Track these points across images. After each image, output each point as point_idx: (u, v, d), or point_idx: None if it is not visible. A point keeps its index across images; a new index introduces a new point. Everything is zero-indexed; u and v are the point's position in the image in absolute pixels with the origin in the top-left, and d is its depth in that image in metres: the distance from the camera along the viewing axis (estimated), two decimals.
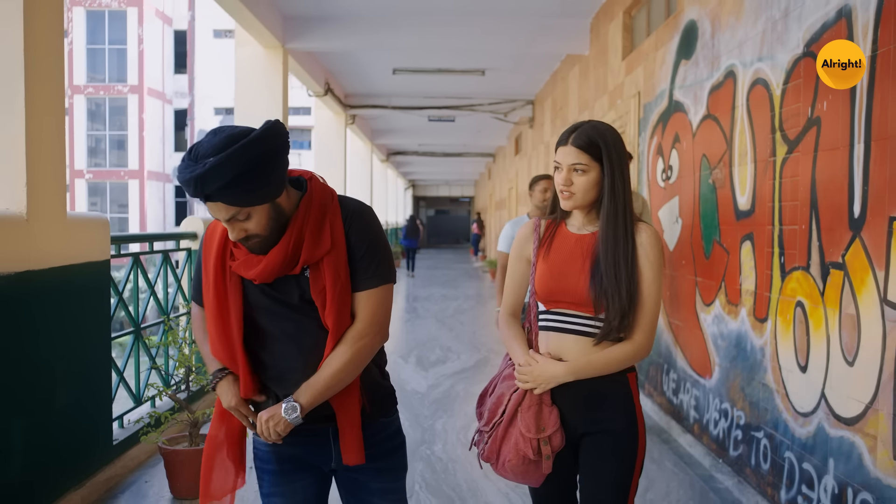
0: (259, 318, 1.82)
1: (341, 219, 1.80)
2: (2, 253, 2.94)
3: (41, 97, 3.16)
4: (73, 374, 3.50)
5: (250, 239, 1.72)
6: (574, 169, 1.95)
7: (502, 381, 2.09)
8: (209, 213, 1.70)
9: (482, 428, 2.09)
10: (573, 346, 1.99)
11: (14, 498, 3.05)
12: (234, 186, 1.62)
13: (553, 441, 1.97)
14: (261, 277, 1.76)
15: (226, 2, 6.20)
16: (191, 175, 1.60)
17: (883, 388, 2.55)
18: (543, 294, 2.03)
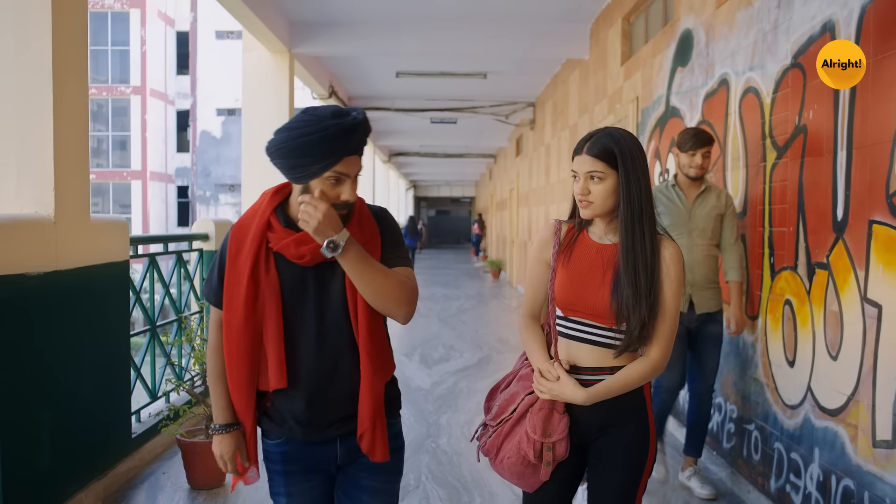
0: (294, 311, 1.83)
1: (373, 218, 1.91)
2: (32, 254, 3.11)
3: (67, 108, 3.33)
4: (95, 370, 3.66)
5: (348, 205, 1.79)
6: (591, 177, 1.93)
7: (518, 381, 2.07)
8: (342, 169, 1.73)
9: (488, 422, 2.08)
10: (588, 356, 1.97)
11: (44, 486, 3.21)
12: (367, 141, 1.81)
13: (557, 449, 1.94)
14: (313, 253, 1.78)
15: (234, 8, 6.35)
16: (353, 122, 1.71)
17: (863, 380, 2.72)
18: (562, 302, 2.00)
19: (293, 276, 1.82)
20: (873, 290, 2.67)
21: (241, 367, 1.83)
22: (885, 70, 2.60)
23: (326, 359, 1.83)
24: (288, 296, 1.82)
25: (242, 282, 1.81)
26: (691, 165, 3.59)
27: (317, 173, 1.74)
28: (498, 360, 7.34)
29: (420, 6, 7.42)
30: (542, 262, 2.08)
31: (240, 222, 1.89)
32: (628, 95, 6.13)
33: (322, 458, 1.91)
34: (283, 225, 1.83)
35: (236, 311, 1.82)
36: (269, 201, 1.87)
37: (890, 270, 2.57)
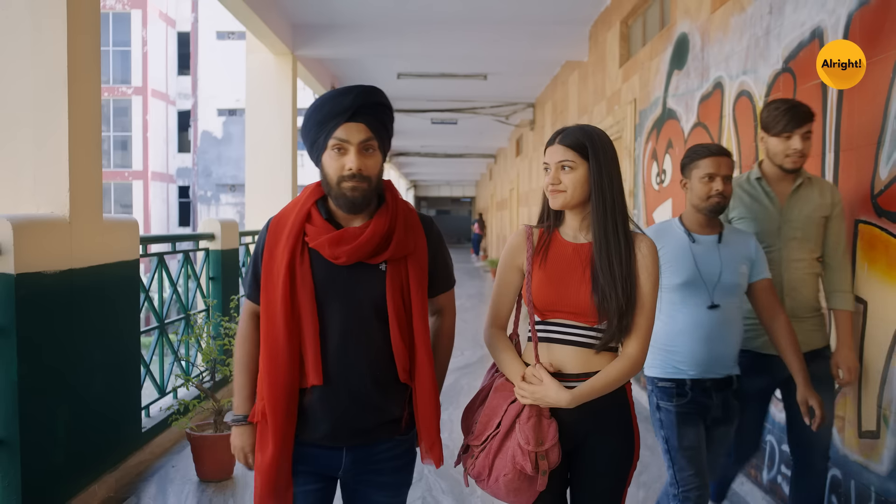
0: (321, 310, 1.81)
1: (422, 227, 1.90)
2: (49, 253, 3.22)
3: (81, 111, 3.44)
4: (107, 366, 3.77)
5: (363, 179, 1.75)
6: (562, 167, 1.93)
7: (495, 393, 2.01)
8: (340, 135, 1.74)
9: (471, 442, 1.99)
10: (573, 357, 1.95)
11: (59, 478, 3.32)
12: (379, 112, 1.78)
13: (550, 456, 1.90)
14: (348, 256, 1.76)
15: (239, 11, 6.47)
16: (353, 87, 1.75)
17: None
18: (542, 304, 1.97)
19: (326, 273, 1.80)
20: (859, 286, 2.78)
21: (282, 361, 1.78)
22: (870, 75, 2.71)
23: (349, 362, 1.81)
24: (321, 292, 1.80)
25: (280, 274, 1.78)
26: (787, 153, 2.68)
27: (322, 146, 1.76)
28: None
29: (421, 9, 7.53)
30: (513, 268, 2.05)
31: (279, 214, 1.87)
32: (626, 97, 6.24)
33: (327, 464, 1.88)
34: (324, 218, 1.82)
35: (275, 303, 1.79)
36: (311, 193, 1.87)
37: (874, 268, 2.68)
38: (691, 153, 2.61)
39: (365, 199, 1.78)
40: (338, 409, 1.81)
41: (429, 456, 1.89)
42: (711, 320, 2.48)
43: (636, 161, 5.95)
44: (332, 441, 1.84)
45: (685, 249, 2.53)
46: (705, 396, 2.52)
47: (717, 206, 2.52)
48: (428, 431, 1.87)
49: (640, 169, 5.86)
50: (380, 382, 1.83)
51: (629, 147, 6.05)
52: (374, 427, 1.84)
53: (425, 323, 1.85)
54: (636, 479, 3.89)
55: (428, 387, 1.85)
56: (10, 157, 3.35)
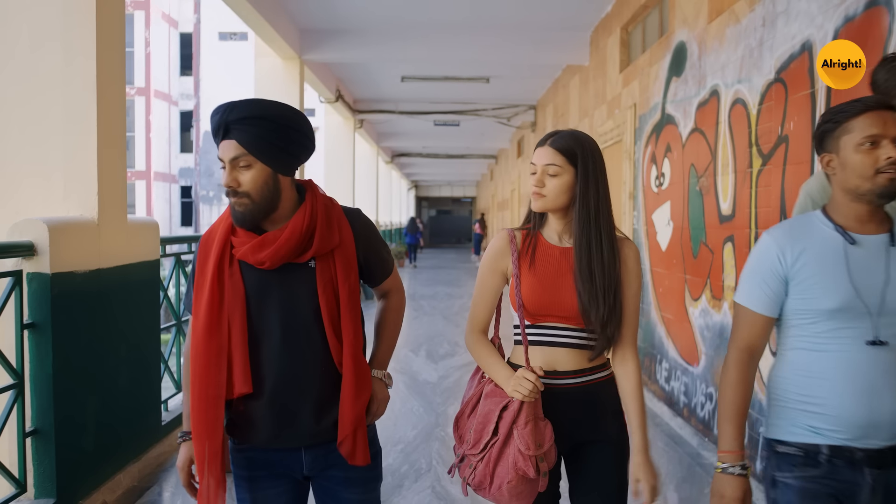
0: (259, 316, 1.82)
1: (346, 219, 1.90)
2: (79, 253, 3.40)
3: (108, 119, 3.62)
4: (131, 361, 3.95)
5: (239, 195, 1.75)
6: (548, 170, 1.92)
7: (486, 399, 1.96)
8: (219, 154, 1.75)
9: (469, 452, 1.95)
10: (566, 359, 1.95)
11: (89, 467, 3.50)
12: (251, 126, 1.71)
13: (549, 456, 1.89)
14: (271, 259, 1.77)
15: (249, 17, 6.64)
16: (227, 104, 1.73)
17: None
18: (533, 308, 1.94)
19: (258, 280, 1.81)
20: None
21: (206, 373, 1.78)
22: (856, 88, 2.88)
23: (292, 363, 1.81)
24: (253, 300, 1.80)
25: (206, 288, 1.80)
26: None
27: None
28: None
29: (426, 14, 7.71)
30: (495, 272, 2.02)
31: (208, 230, 1.88)
32: (626, 102, 6.42)
33: (287, 465, 1.88)
34: (246, 229, 1.82)
35: (200, 317, 1.79)
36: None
37: None
38: (835, 113, 1.77)
39: (251, 214, 1.77)
40: (287, 411, 1.82)
41: (340, 450, 1.85)
42: (874, 362, 1.69)
43: (636, 164, 6.13)
44: (285, 443, 1.85)
45: (838, 256, 1.73)
46: (852, 472, 1.73)
47: (891, 185, 1.69)
48: (343, 423, 1.82)
49: (639, 172, 6.04)
50: (325, 379, 1.83)
51: (629, 150, 6.23)
52: (327, 424, 1.84)
53: (353, 314, 1.85)
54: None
55: (349, 380, 1.83)
56: (42, 163, 3.53)
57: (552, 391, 1.93)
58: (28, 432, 3.15)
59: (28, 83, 3.53)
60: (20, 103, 3.53)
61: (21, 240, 3.11)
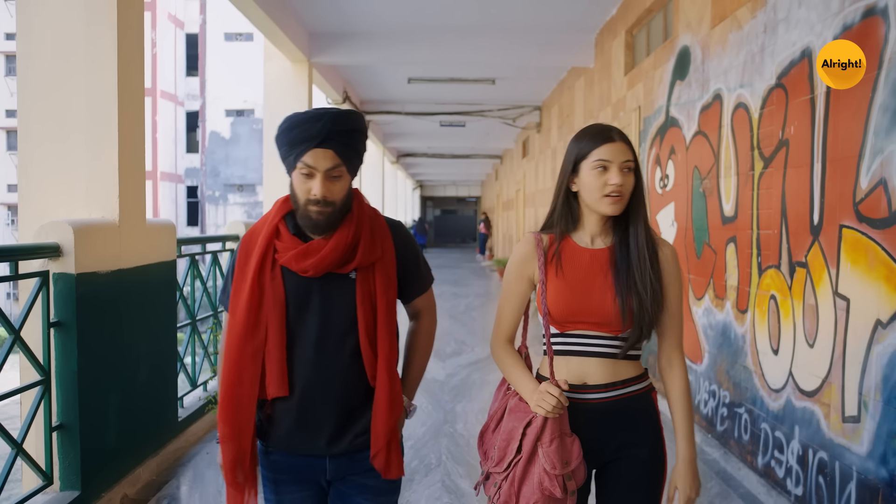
0: (295, 321, 1.83)
1: (389, 232, 1.90)
2: (102, 254, 3.51)
3: (128, 124, 3.74)
4: (149, 359, 4.07)
5: (328, 204, 1.76)
6: (626, 167, 1.81)
7: (510, 415, 1.88)
8: (308, 161, 1.73)
9: (493, 470, 1.87)
10: (596, 371, 1.85)
11: (111, 461, 3.62)
12: (350, 138, 1.76)
13: (577, 475, 1.80)
14: (315, 268, 1.78)
15: (259, 21, 6.75)
16: (325, 112, 1.73)
17: (835, 364, 3.11)
18: (560, 315, 1.85)
19: (298, 285, 1.82)
20: (843, 285, 3.06)
21: (240, 373, 1.80)
22: (853, 94, 2.99)
23: (324, 371, 1.82)
24: (292, 305, 1.81)
25: (245, 289, 1.80)
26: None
27: (292, 164, 1.76)
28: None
29: (432, 17, 7.81)
30: (523, 279, 1.92)
31: (250, 231, 1.90)
32: (631, 104, 6.52)
33: (311, 471, 1.89)
34: (291, 233, 1.83)
35: (239, 318, 1.81)
36: (278, 209, 1.88)
37: (856, 268, 2.96)
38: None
39: (329, 221, 1.78)
40: (314, 418, 1.83)
41: (373, 463, 1.86)
42: None
43: (641, 166, 6.22)
44: (309, 450, 1.86)
45: None
46: None
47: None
48: (376, 436, 1.84)
49: (644, 174, 6.14)
50: (354, 389, 1.84)
51: None
52: (355, 433, 1.86)
53: (389, 328, 1.85)
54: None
55: (383, 393, 1.83)
56: (66, 168, 3.64)
57: (581, 406, 1.84)
58: (54, 427, 3.27)
59: (52, 90, 3.64)
60: (44, 109, 3.64)
61: (47, 241, 3.23)
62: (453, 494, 3.82)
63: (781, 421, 3.59)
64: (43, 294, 3.21)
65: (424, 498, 3.78)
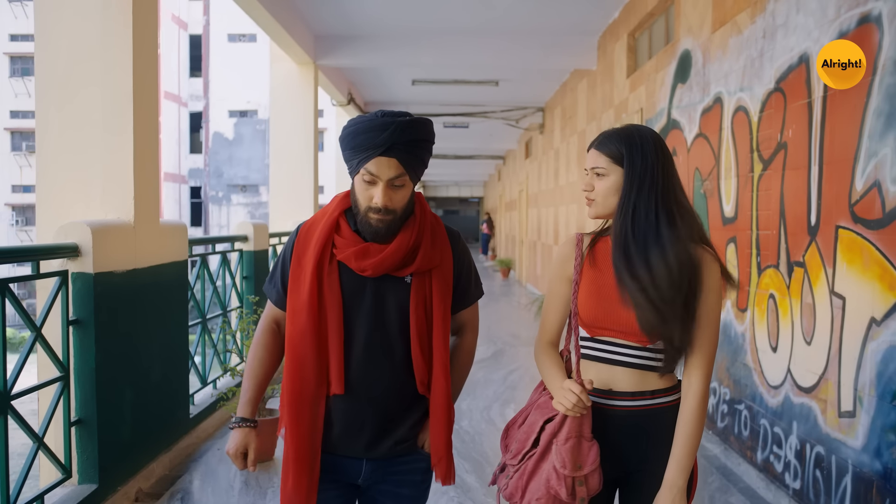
0: (348, 319, 1.81)
1: (448, 241, 1.89)
2: (118, 254, 3.61)
3: (143, 128, 3.83)
4: (162, 356, 4.17)
5: (389, 212, 1.74)
6: (595, 172, 1.82)
7: (536, 410, 1.85)
8: (371, 169, 1.71)
9: (509, 461, 1.86)
10: (623, 379, 1.80)
11: (125, 455, 3.72)
12: (415, 148, 1.74)
13: (590, 482, 1.72)
14: (374, 269, 1.76)
15: (266, 24, 6.86)
16: (394, 120, 1.70)
17: (831, 361, 3.20)
18: (588, 319, 1.81)
19: (353, 283, 1.81)
20: (839, 284, 3.15)
21: (308, 367, 1.78)
22: (849, 99, 3.08)
23: (371, 373, 1.81)
24: (346, 303, 1.80)
25: (306, 283, 1.78)
26: None
27: (355, 169, 1.75)
28: (511, 353, 7.86)
29: (436, 21, 7.91)
30: (563, 279, 1.89)
31: (309, 222, 1.88)
32: (633, 106, 6.61)
33: (347, 472, 1.88)
34: (351, 229, 1.81)
35: (300, 311, 1.79)
36: (339, 203, 1.86)
37: (852, 268, 3.05)
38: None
39: (389, 229, 1.77)
40: (358, 419, 1.82)
41: (433, 471, 1.89)
42: None
43: None
44: (351, 451, 1.85)
45: None
46: None
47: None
48: (437, 446, 1.84)
49: None
50: (400, 394, 1.83)
51: None
52: (395, 439, 1.85)
53: (445, 336, 1.84)
54: None
55: (440, 401, 1.83)
56: (82, 171, 3.74)
57: (605, 412, 1.80)
58: (73, 421, 3.36)
59: (69, 95, 3.73)
60: (62, 114, 3.74)
61: (67, 242, 3.33)
62: (460, 489, 3.91)
63: (780, 417, 3.68)
64: (62, 293, 3.30)
65: (432, 492, 3.86)
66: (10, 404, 2.89)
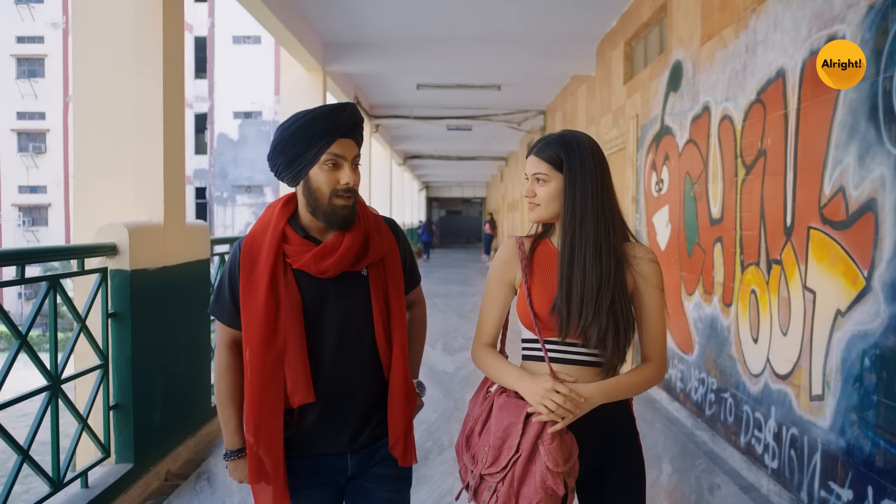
0: (313, 325, 1.81)
1: (389, 229, 1.95)
2: (150, 253, 3.93)
3: (172, 136, 4.16)
4: (188, 348, 4.48)
5: (354, 193, 1.78)
6: (536, 179, 1.86)
7: (501, 411, 1.81)
8: (337, 150, 1.74)
9: (486, 472, 1.80)
10: (584, 375, 1.83)
11: (156, 438, 4.03)
12: (362, 129, 1.84)
13: (574, 471, 1.77)
14: (335, 268, 1.77)
15: (278, 33, 7.18)
16: (344, 104, 1.78)
17: (804, 349, 3.51)
18: (545, 320, 1.84)
19: (314, 288, 1.80)
20: (810, 280, 3.46)
21: (266, 385, 1.76)
22: (820, 110, 3.38)
23: (345, 370, 1.82)
24: (310, 309, 1.79)
25: (260, 299, 1.75)
26: None
27: (313, 159, 1.73)
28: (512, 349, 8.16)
29: (441, 28, 8.22)
30: (504, 283, 1.93)
31: (251, 236, 1.83)
32: (629, 112, 6.92)
33: (331, 471, 1.88)
34: (300, 236, 1.81)
35: (255, 328, 1.76)
36: (280, 212, 1.83)
37: (821, 265, 3.36)
38: None
39: (352, 213, 1.79)
40: (339, 417, 1.84)
41: (392, 452, 1.90)
42: None
43: (638, 171, 6.63)
44: (334, 449, 1.87)
45: None
46: None
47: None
48: (395, 427, 1.87)
49: (641, 178, 6.54)
50: (371, 384, 1.87)
51: (632, 157, 6.73)
52: (372, 428, 1.88)
53: (402, 321, 1.89)
54: None
55: (399, 384, 1.87)
56: (117, 175, 4.06)
57: None
58: (111, 406, 3.68)
59: (105, 104, 4.05)
60: (98, 122, 4.06)
61: (106, 241, 3.65)
62: None
63: (760, 403, 3.98)
64: (102, 288, 3.61)
65: (438, 473, 4.18)
66: (61, 388, 3.21)
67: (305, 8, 7.43)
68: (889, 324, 2.83)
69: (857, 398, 3.05)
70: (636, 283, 1.85)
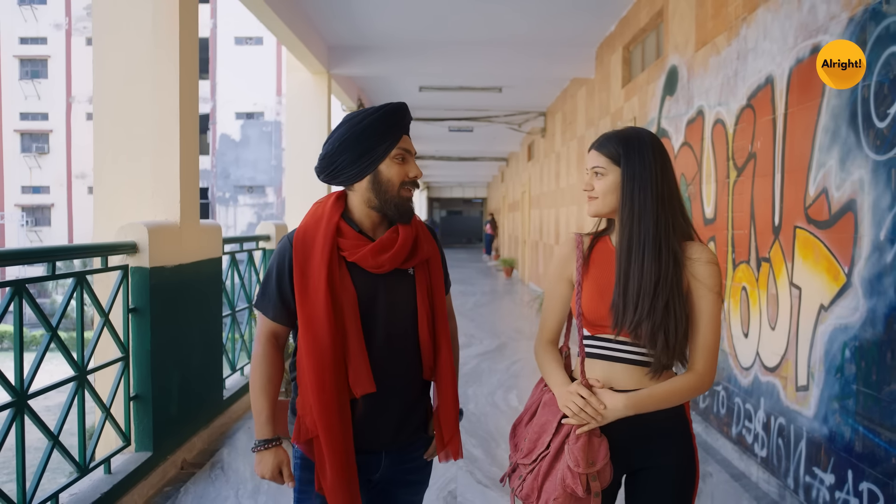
0: (365, 319, 1.83)
1: (430, 234, 2.00)
2: (167, 251, 4.11)
3: (187, 139, 4.34)
4: (202, 343, 4.67)
5: (416, 185, 1.88)
6: (595, 173, 1.87)
7: (543, 408, 1.89)
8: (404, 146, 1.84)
9: (521, 461, 1.89)
10: (623, 376, 1.83)
11: (173, 429, 4.21)
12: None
13: (602, 476, 1.78)
14: (391, 263, 1.81)
15: (283, 37, 7.36)
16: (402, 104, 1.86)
17: (790, 343, 3.69)
18: (592, 318, 1.86)
19: (367, 283, 1.83)
20: (796, 276, 3.64)
21: (334, 377, 1.77)
22: (806, 116, 3.56)
23: (391, 366, 1.85)
24: (363, 303, 1.82)
25: (321, 292, 1.77)
26: None
27: (384, 153, 1.79)
28: (514, 346, 8.37)
29: (443, 32, 8.39)
30: (563, 280, 1.95)
31: (303, 230, 1.85)
32: (627, 115, 7.10)
33: (366, 468, 1.89)
34: (355, 230, 1.84)
35: (319, 322, 1.77)
36: (333, 207, 1.86)
37: (806, 262, 3.54)
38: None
39: (412, 205, 1.89)
40: (383, 414, 1.85)
41: (447, 448, 1.92)
42: None
43: None
44: (376, 446, 1.88)
45: None
46: None
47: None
48: (448, 424, 1.91)
49: None
50: (413, 382, 1.90)
51: None
52: (413, 427, 1.91)
53: (446, 320, 1.94)
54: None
55: (450, 381, 1.91)
56: (135, 176, 4.25)
57: None
58: (132, 396, 3.86)
59: (124, 109, 4.24)
60: (118, 126, 4.25)
61: (127, 240, 3.83)
62: (467, 459, 4.41)
63: (750, 394, 4.17)
64: (123, 285, 3.80)
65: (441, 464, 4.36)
66: (86, 378, 3.40)
67: (311, 12, 7.61)
68: (867, 317, 3.01)
69: (838, 388, 3.23)
70: (690, 284, 1.81)
